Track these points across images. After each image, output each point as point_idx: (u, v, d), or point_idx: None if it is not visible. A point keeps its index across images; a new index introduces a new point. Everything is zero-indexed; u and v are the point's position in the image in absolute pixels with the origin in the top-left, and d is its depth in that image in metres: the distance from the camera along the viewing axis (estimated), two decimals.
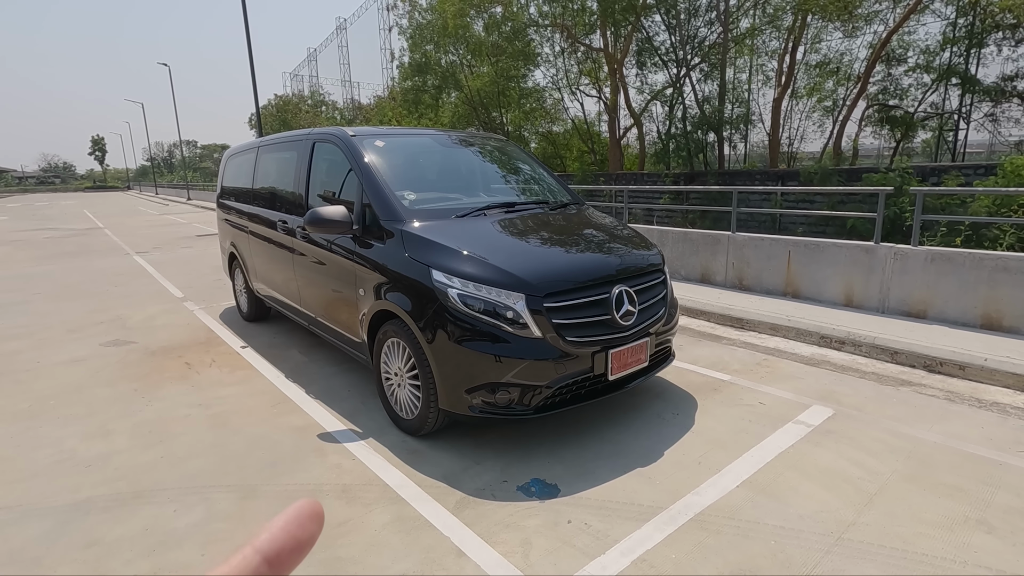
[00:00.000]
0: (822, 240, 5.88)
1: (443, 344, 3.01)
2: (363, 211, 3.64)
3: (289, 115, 41.55)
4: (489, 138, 5.11)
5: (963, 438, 3.29)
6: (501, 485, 2.88)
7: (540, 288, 3.01)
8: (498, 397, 2.98)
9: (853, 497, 2.72)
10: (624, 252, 3.60)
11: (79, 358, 5.05)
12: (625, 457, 3.14)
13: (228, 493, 2.85)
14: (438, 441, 3.34)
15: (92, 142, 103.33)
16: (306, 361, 4.82)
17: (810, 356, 4.72)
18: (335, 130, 4.19)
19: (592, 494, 2.79)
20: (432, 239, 3.27)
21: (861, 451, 3.15)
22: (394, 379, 3.46)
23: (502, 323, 2.96)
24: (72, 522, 2.64)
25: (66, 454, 3.30)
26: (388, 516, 2.64)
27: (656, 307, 3.50)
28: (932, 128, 16.59)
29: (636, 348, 3.27)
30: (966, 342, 4.50)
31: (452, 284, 3.03)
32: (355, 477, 2.98)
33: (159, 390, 4.25)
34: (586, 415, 3.62)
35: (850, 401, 3.82)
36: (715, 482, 2.86)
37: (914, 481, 2.85)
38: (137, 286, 8.37)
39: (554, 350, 2.98)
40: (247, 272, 5.79)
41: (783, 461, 3.06)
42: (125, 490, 2.91)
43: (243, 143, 6.19)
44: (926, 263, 5.09)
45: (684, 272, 7.23)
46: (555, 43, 21.46)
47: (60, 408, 3.96)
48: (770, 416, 3.60)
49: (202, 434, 3.52)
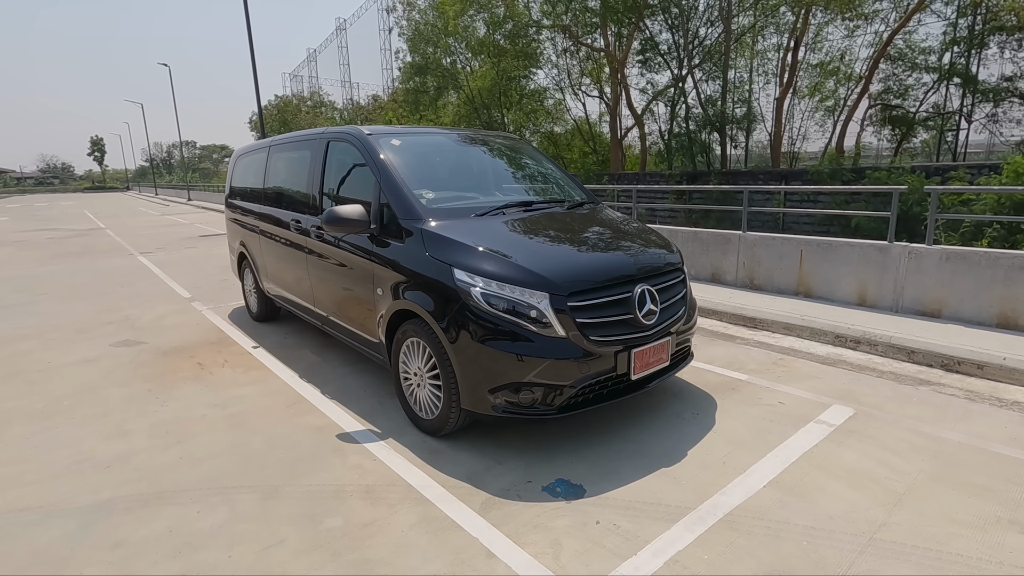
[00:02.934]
0: (835, 239, 5.87)
1: (466, 343, 2.99)
2: (381, 210, 3.62)
3: (289, 116, 41.51)
4: (501, 136, 5.09)
5: (987, 437, 3.27)
6: (526, 485, 2.86)
7: (564, 287, 2.99)
8: (521, 397, 2.96)
9: (882, 497, 2.70)
10: (644, 251, 3.58)
11: (90, 358, 5.02)
12: (648, 457, 3.11)
13: (250, 494, 2.83)
14: (458, 441, 3.32)
15: (91, 143, 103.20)
16: (319, 361, 4.80)
17: (826, 355, 4.70)
18: (351, 129, 4.17)
19: (618, 494, 2.76)
20: (453, 238, 3.25)
21: (885, 450, 3.13)
22: (413, 379, 3.43)
23: (525, 322, 2.94)
24: (96, 523, 2.62)
25: (84, 455, 3.28)
26: (414, 517, 2.61)
27: (676, 306, 3.48)
28: (933, 128, 16.60)
29: (658, 347, 3.25)
30: (983, 341, 4.48)
31: (475, 283, 3.01)
32: (377, 477, 2.96)
33: (174, 390, 4.22)
34: (606, 415, 3.60)
35: (870, 400, 3.80)
36: (741, 482, 2.84)
37: (942, 481, 2.83)
38: (144, 286, 8.35)
39: (577, 349, 2.96)
40: (257, 272, 5.76)
41: (808, 461, 3.04)
42: (147, 490, 2.88)
43: (252, 143, 6.17)
44: (941, 262, 5.08)
45: (694, 271, 7.21)
46: (557, 43, 21.45)
47: (75, 408, 3.94)
48: (791, 416, 3.58)
49: (220, 434, 3.49)
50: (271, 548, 2.41)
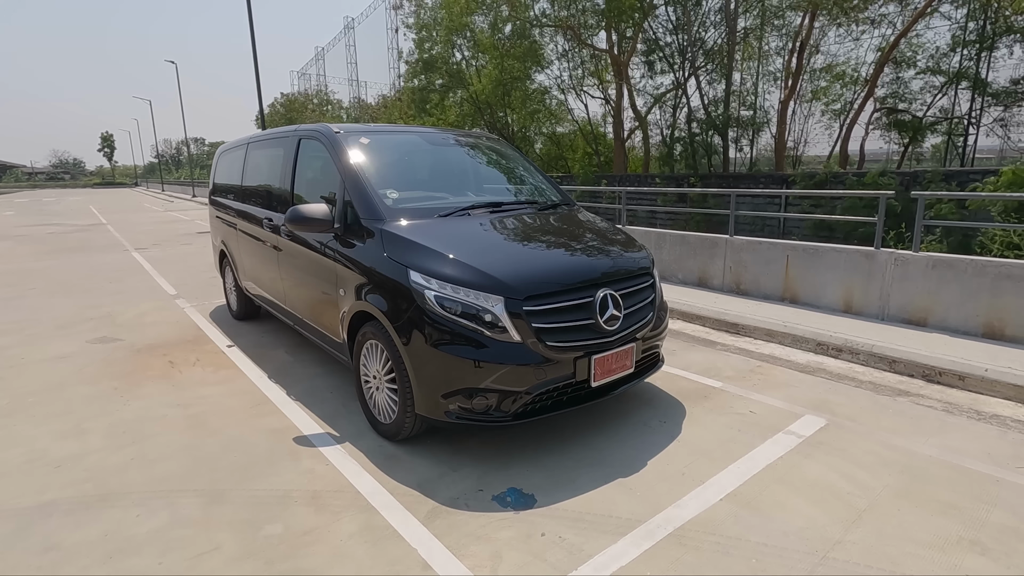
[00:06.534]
0: (821, 244, 5.75)
1: (419, 347, 2.92)
2: (345, 209, 3.56)
3: (295, 113, 41.66)
4: (480, 137, 5.02)
5: (960, 452, 3.17)
6: (476, 494, 2.79)
7: (520, 291, 2.91)
8: (475, 403, 2.89)
9: (841, 513, 2.61)
10: (611, 254, 3.50)
11: (64, 355, 4.99)
12: (607, 466, 3.03)
13: (195, 498, 2.77)
14: (416, 446, 3.25)
15: (102, 139, 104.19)
16: (292, 361, 4.75)
17: (806, 363, 4.59)
18: (320, 126, 4.11)
19: (570, 505, 2.69)
20: (411, 239, 3.18)
21: (853, 464, 3.03)
22: (372, 382, 3.37)
23: (480, 326, 2.86)
24: (33, 525, 2.57)
25: (37, 454, 3.24)
26: (356, 525, 2.55)
27: (644, 311, 3.40)
28: (942, 132, 16.36)
29: (621, 354, 3.17)
30: (967, 351, 4.36)
31: (429, 285, 2.94)
32: (327, 483, 2.89)
33: (139, 389, 4.18)
34: (570, 421, 3.52)
35: (844, 411, 3.70)
36: (698, 494, 2.76)
37: (906, 497, 2.74)
38: (132, 282, 8.34)
39: (534, 355, 2.89)
40: (236, 270, 5.72)
41: (770, 473, 2.95)
42: (91, 492, 2.83)
43: (235, 139, 6.13)
44: (927, 269, 4.96)
45: (681, 275, 7.11)
46: (560, 44, 21.37)
47: (38, 406, 3.90)
48: (760, 426, 3.49)
49: (177, 435, 3.44)
50: (204, 555, 2.35)
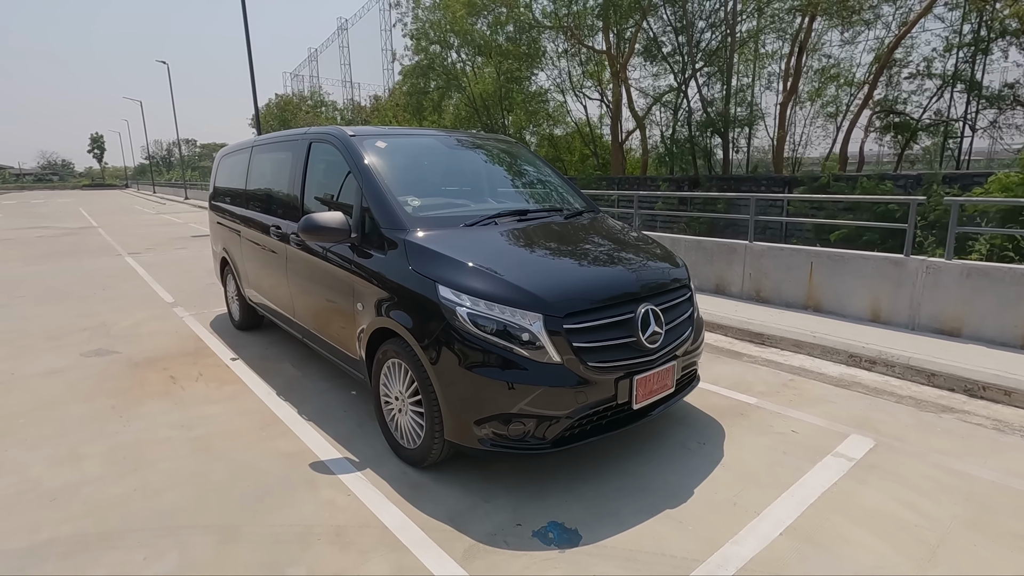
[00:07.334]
0: (847, 251, 5.57)
1: (450, 368, 2.69)
2: (362, 218, 3.33)
3: (289, 115, 41.27)
4: (497, 139, 4.80)
5: (1022, 476, 2.98)
6: (514, 529, 2.56)
7: (560, 308, 2.70)
8: (511, 428, 2.67)
9: (913, 549, 2.40)
10: (648, 267, 3.29)
11: (57, 369, 4.72)
12: (651, 495, 2.82)
13: (206, 535, 2.53)
14: (443, 473, 3.02)
15: (91, 140, 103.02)
16: (300, 376, 4.50)
17: (839, 377, 4.41)
18: (333, 129, 3.88)
19: (617, 542, 2.47)
20: (439, 250, 2.95)
21: (912, 491, 2.84)
22: (394, 403, 3.14)
23: (517, 346, 2.64)
24: (26, 570, 2.32)
25: (30, 484, 2.98)
26: (387, 567, 2.32)
27: (683, 327, 3.19)
28: (937, 135, 16.34)
29: (662, 373, 2.96)
30: (1009, 364, 4.19)
31: (461, 302, 2.72)
32: (350, 516, 2.66)
33: (139, 407, 3.92)
34: (603, 444, 3.30)
35: (890, 430, 3.51)
36: (755, 528, 2.55)
37: (978, 529, 2.54)
38: (126, 289, 8.04)
39: (574, 376, 2.67)
40: (239, 278, 5.47)
41: (827, 502, 2.74)
42: (91, 530, 2.58)
43: (237, 142, 5.88)
44: (961, 278, 4.79)
45: (698, 282, 6.91)
46: (558, 44, 21.20)
47: (30, 427, 3.64)
48: (805, 447, 3.29)
49: (182, 461, 3.19)
50: None
